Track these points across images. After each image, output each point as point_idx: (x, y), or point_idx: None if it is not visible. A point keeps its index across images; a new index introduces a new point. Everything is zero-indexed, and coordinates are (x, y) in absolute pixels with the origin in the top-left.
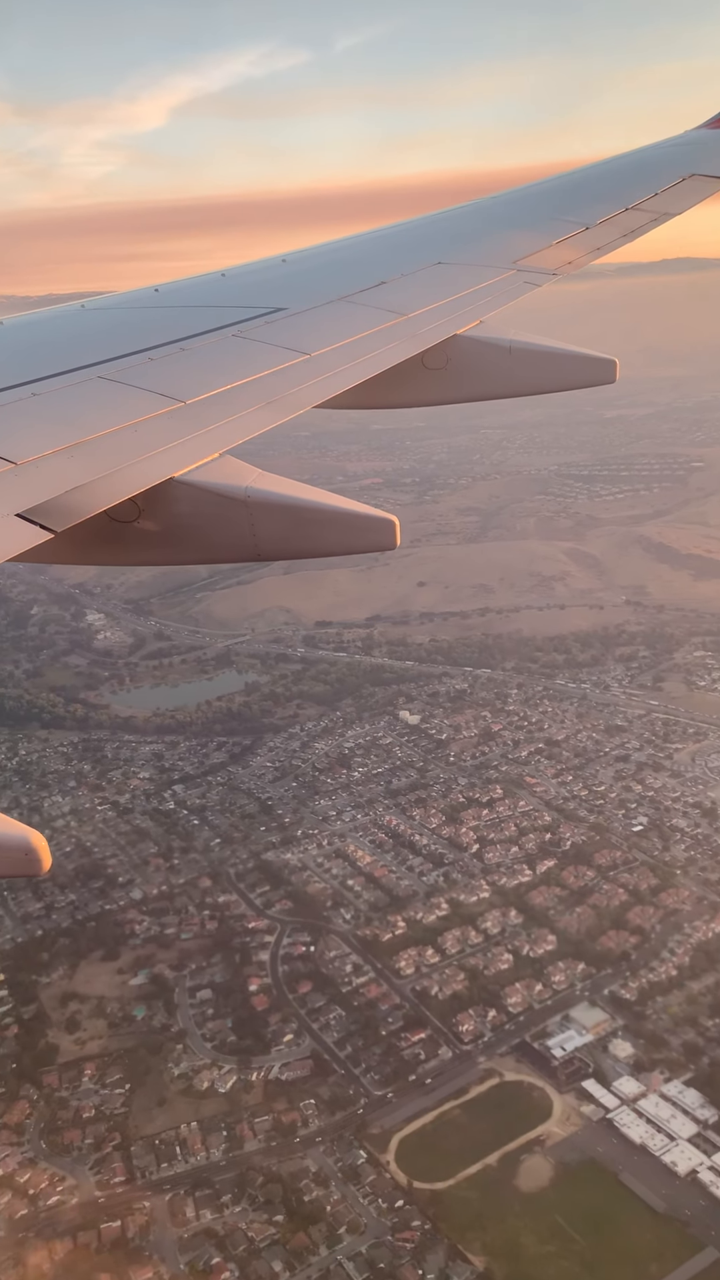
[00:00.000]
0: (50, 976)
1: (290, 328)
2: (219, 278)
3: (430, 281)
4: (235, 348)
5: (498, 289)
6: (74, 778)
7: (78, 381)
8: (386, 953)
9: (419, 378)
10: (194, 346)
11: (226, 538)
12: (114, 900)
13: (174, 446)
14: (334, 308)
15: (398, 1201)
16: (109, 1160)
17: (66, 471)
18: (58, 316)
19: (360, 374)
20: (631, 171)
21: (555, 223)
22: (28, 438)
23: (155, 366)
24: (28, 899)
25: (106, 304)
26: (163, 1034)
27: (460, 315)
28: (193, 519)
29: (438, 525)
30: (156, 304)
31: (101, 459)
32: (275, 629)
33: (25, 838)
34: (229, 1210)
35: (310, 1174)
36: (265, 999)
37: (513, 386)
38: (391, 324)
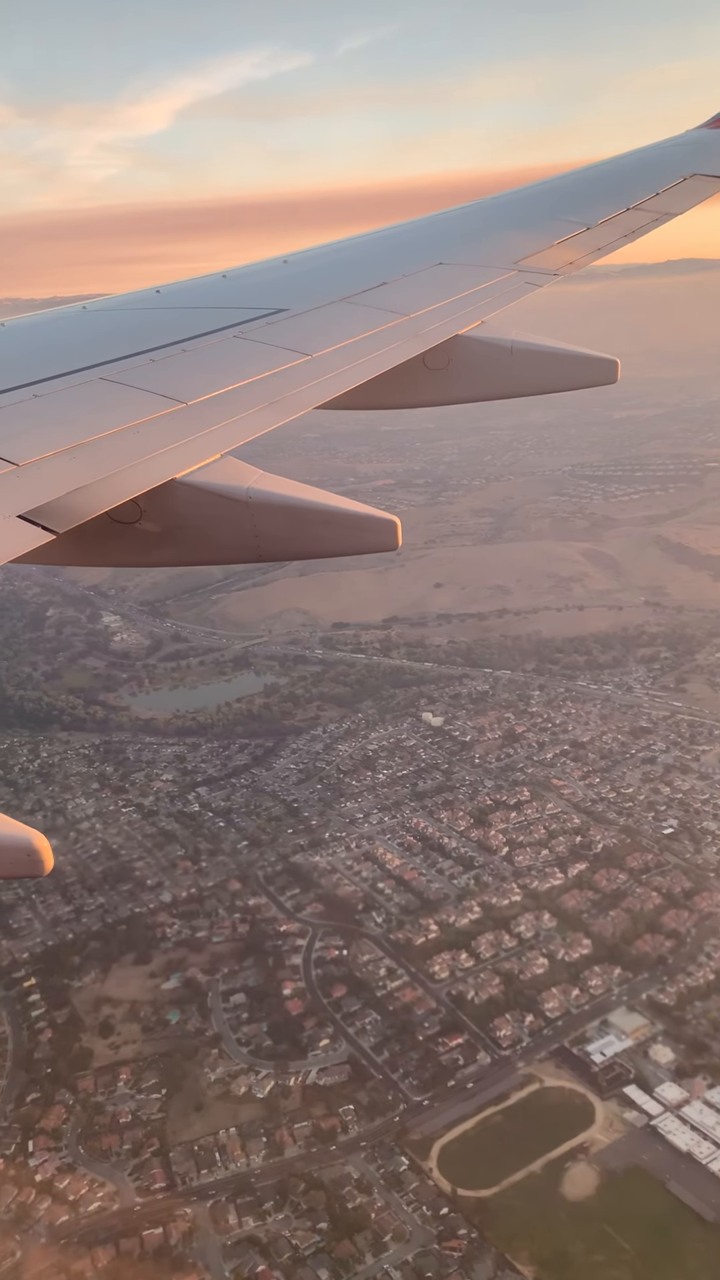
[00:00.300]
0: (82, 980)
1: (292, 328)
2: (220, 279)
3: (431, 282)
4: (237, 349)
5: (499, 289)
6: (97, 780)
7: (79, 383)
8: (420, 957)
9: (420, 378)
10: (195, 347)
11: (228, 538)
12: (143, 903)
13: (176, 447)
14: (335, 308)
15: (442, 1209)
16: (148, 1166)
17: (68, 473)
18: (59, 318)
19: (362, 374)
20: (632, 171)
21: (556, 223)
22: (29, 439)
23: (157, 368)
24: (57, 902)
25: (108, 305)
26: (197, 1038)
27: (461, 315)
28: (194, 520)
29: (452, 526)
30: (158, 305)
31: (103, 460)
32: (292, 630)
33: (28, 839)
34: (271, 1217)
35: (352, 1181)
36: (300, 1003)
37: (514, 387)
38: (393, 324)
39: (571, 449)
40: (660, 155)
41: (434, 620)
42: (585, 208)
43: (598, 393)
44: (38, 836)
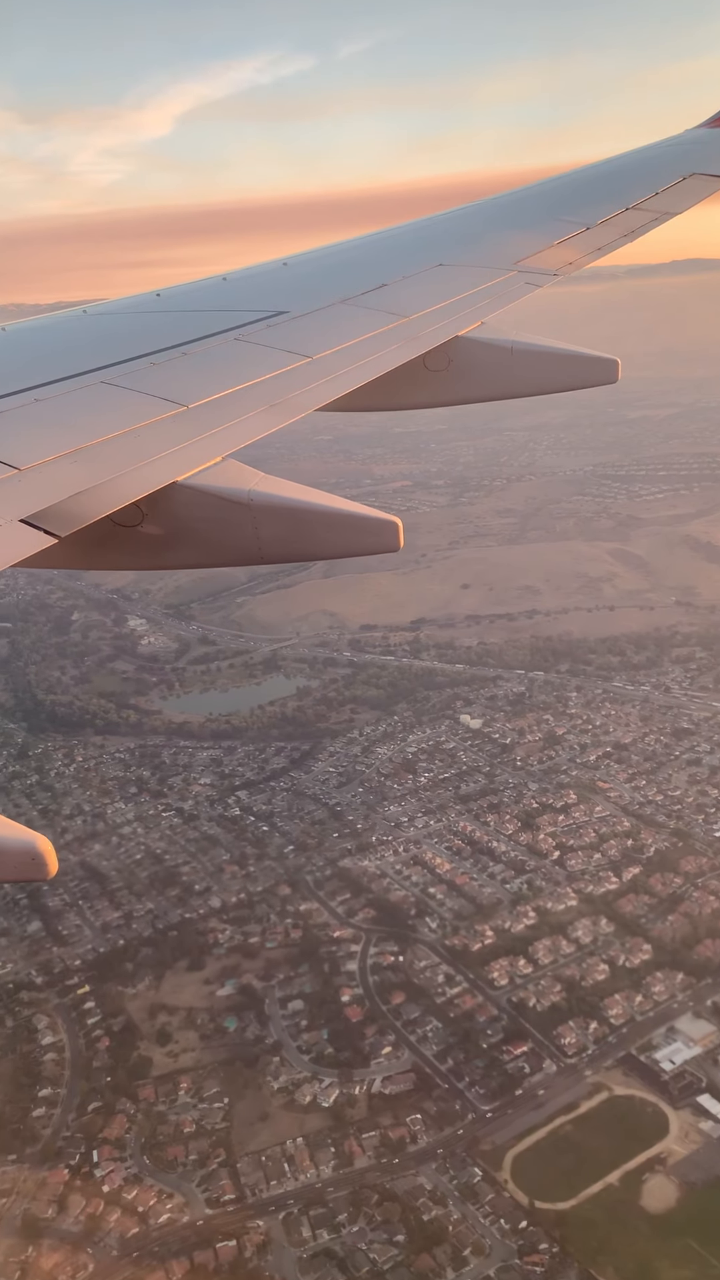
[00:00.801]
0: (136, 987)
1: (292, 331)
2: (220, 281)
3: (431, 283)
4: (237, 351)
5: (499, 290)
6: (134, 784)
7: (80, 386)
8: (478, 963)
9: (421, 379)
10: (196, 350)
11: (230, 541)
12: (193, 908)
13: (177, 450)
14: (335, 310)
15: (521, 1222)
16: (216, 1177)
17: (70, 476)
18: (60, 322)
19: (362, 376)
20: (632, 171)
21: (556, 223)
22: (31, 443)
23: (157, 371)
24: (105, 908)
25: (108, 309)
26: (257, 1046)
27: (461, 316)
28: (196, 522)
29: (475, 527)
30: (158, 308)
31: (104, 464)
32: (320, 633)
33: (31, 842)
34: (346, 1230)
35: (426, 1192)
36: (359, 1010)
37: (515, 387)
38: (393, 326)
39: (589, 449)
40: (660, 155)
41: (463, 621)
42: (585, 208)
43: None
44: (42, 840)
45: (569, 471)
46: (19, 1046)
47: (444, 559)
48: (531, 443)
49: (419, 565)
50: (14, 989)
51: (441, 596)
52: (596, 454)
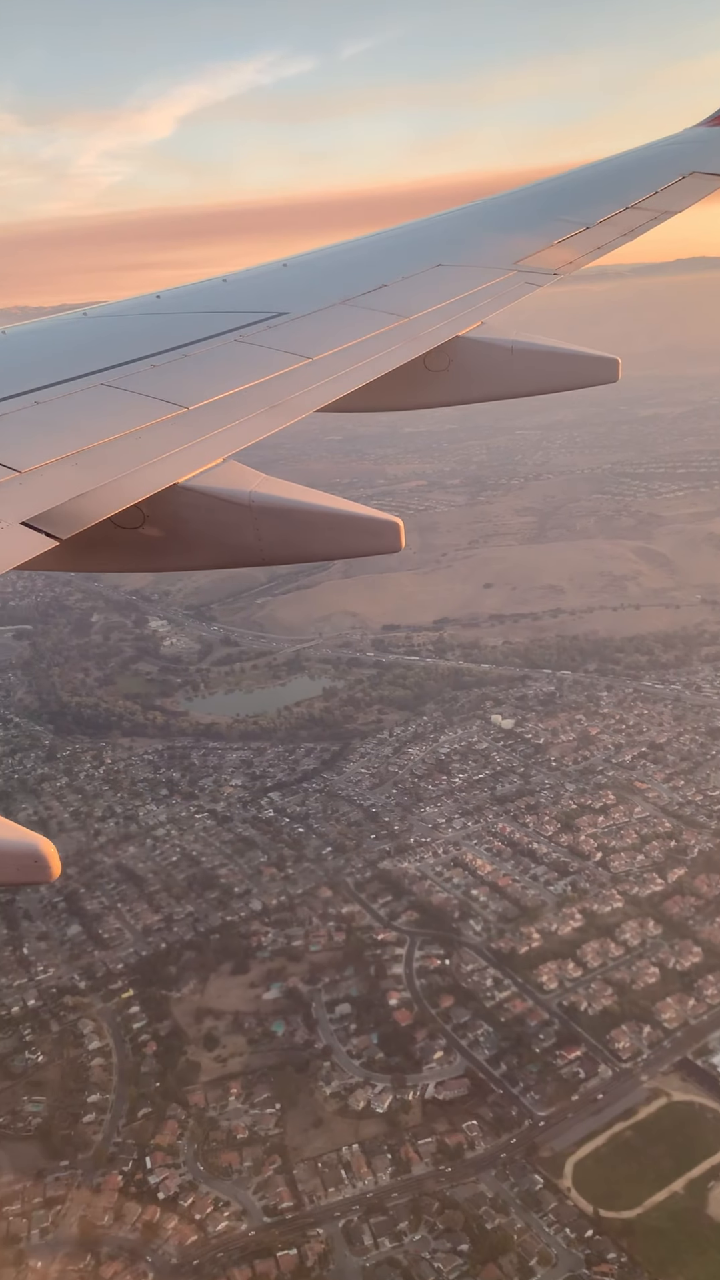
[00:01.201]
0: (180, 991)
1: (292, 332)
2: (220, 283)
3: (431, 283)
4: (237, 353)
5: (498, 290)
6: (165, 786)
7: (81, 389)
8: (525, 966)
9: (421, 380)
10: (196, 352)
11: (231, 542)
12: (234, 911)
13: (177, 452)
14: (335, 311)
15: (586, 1231)
16: (272, 1184)
17: (70, 479)
18: (60, 324)
19: (362, 377)
20: (631, 170)
21: (555, 223)
22: (31, 446)
23: (158, 373)
24: (145, 911)
25: (108, 311)
26: (306, 1051)
27: (461, 317)
28: (197, 524)
29: (495, 526)
30: (158, 310)
31: (105, 466)
32: (342, 633)
33: (34, 845)
34: (408, 1238)
35: (487, 1200)
36: (408, 1014)
37: (515, 387)
38: (393, 326)
39: (603, 447)
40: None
41: (486, 621)
42: (584, 207)
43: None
44: (44, 843)
45: (586, 470)
46: (65, 1051)
47: (465, 558)
48: (545, 441)
49: (440, 565)
50: (57, 993)
51: (464, 596)
52: (611, 452)
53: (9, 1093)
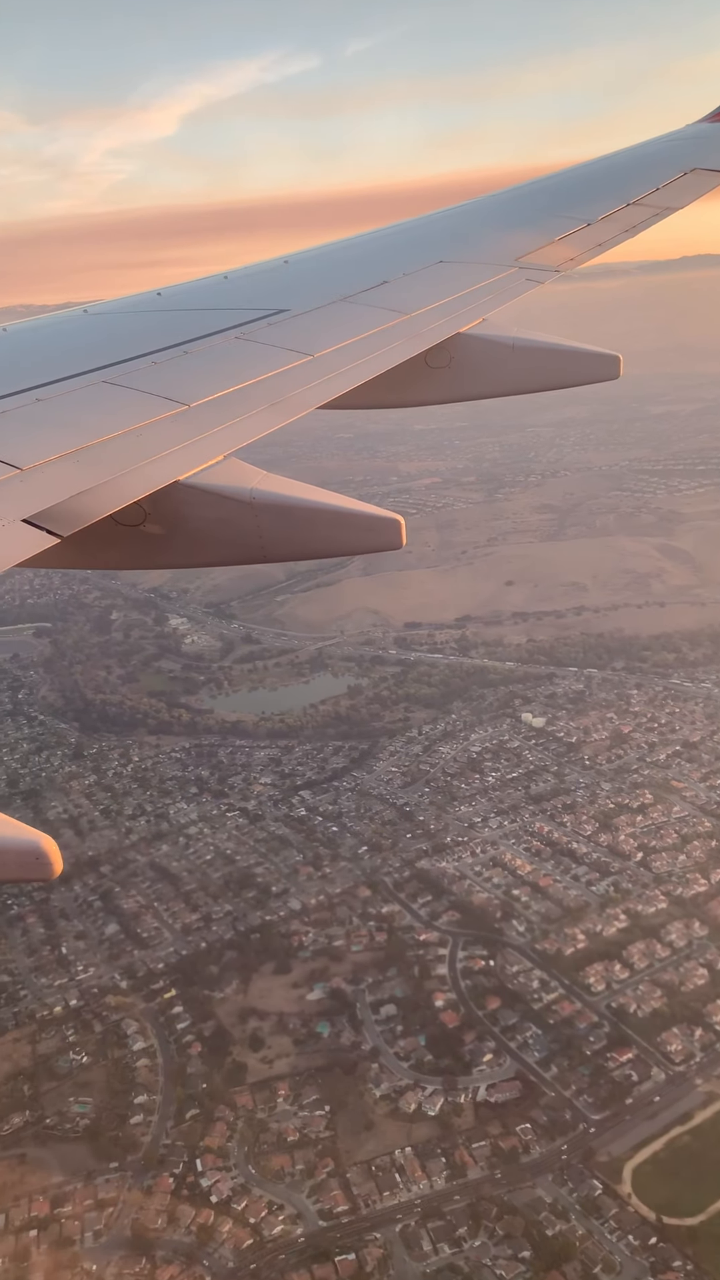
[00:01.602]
0: (224, 991)
1: (293, 329)
2: (221, 280)
3: (432, 280)
4: (238, 350)
5: (500, 287)
6: (194, 784)
7: (82, 386)
8: (572, 967)
9: (423, 377)
10: (197, 349)
11: (232, 540)
12: (272, 910)
13: (179, 450)
14: (336, 308)
15: (650, 1238)
16: (326, 1187)
17: (72, 476)
18: (61, 321)
19: (363, 374)
20: (632, 167)
21: (556, 219)
22: (33, 443)
23: (159, 370)
24: (182, 909)
25: (109, 308)
26: (353, 1052)
27: (462, 314)
28: (198, 522)
29: (513, 523)
30: (159, 307)
31: (106, 463)
32: (364, 631)
33: (36, 842)
34: (468, 1244)
35: (546, 1205)
36: (455, 1015)
37: (517, 384)
38: (394, 323)
39: (617, 444)
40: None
41: (509, 619)
42: (585, 204)
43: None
44: (46, 840)
45: (603, 467)
46: (109, 1052)
47: (485, 556)
48: (558, 439)
49: (460, 562)
50: (99, 993)
51: (485, 593)
52: (626, 449)
53: (55, 1093)
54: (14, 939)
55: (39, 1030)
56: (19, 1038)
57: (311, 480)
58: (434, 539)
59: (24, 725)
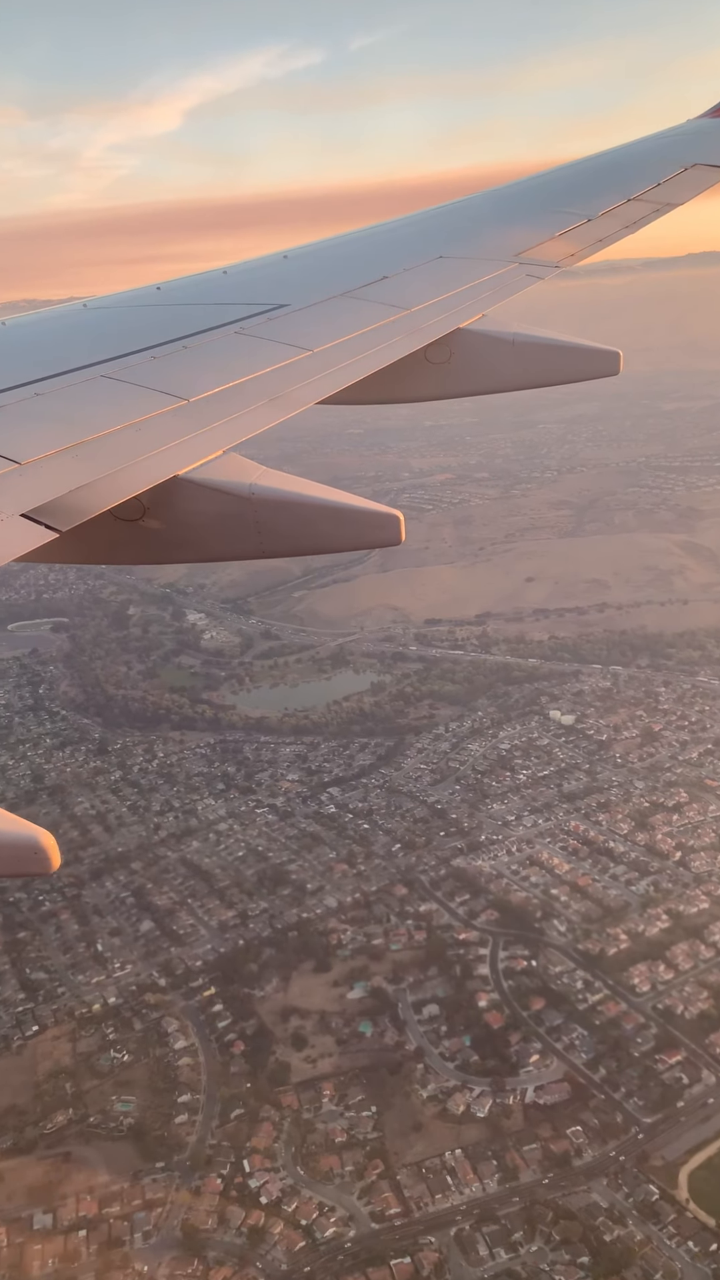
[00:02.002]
0: (264, 989)
1: (292, 324)
2: (221, 275)
3: (432, 276)
4: (238, 345)
5: (500, 282)
6: (221, 780)
7: (81, 381)
8: (615, 968)
9: (422, 372)
10: (196, 344)
11: (232, 535)
12: (309, 908)
13: (178, 445)
14: (336, 303)
15: (711, 1244)
16: (376, 1190)
17: (70, 471)
18: (60, 316)
19: (363, 369)
20: (632, 162)
21: (556, 215)
22: (31, 437)
23: (158, 365)
24: (217, 907)
25: (108, 303)
26: (397, 1052)
27: (462, 309)
28: (197, 517)
29: (531, 519)
30: (158, 302)
31: (105, 458)
32: (384, 627)
33: (34, 836)
34: (524, 1249)
35: (602, 1210)
36: (499, 1016)
37: (517, 379)
38: (394, 319)
39: (630, 441)
40: (661, 146)
41: (530, 615)
42: (586, 199)
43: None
44: (44, 834)
45: (618, 463)
46: (151, 1050)
47: (503, 552)
48: (569, 435)
49: (478, 558)
50: (137, 990)
51: (505, 590)
52: (639, 446)
53: (97, 1092)
54: (48, 935)
55: (78, 1028)
56: (58, 1035)
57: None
58: (451, 535)
59: (46, 720)
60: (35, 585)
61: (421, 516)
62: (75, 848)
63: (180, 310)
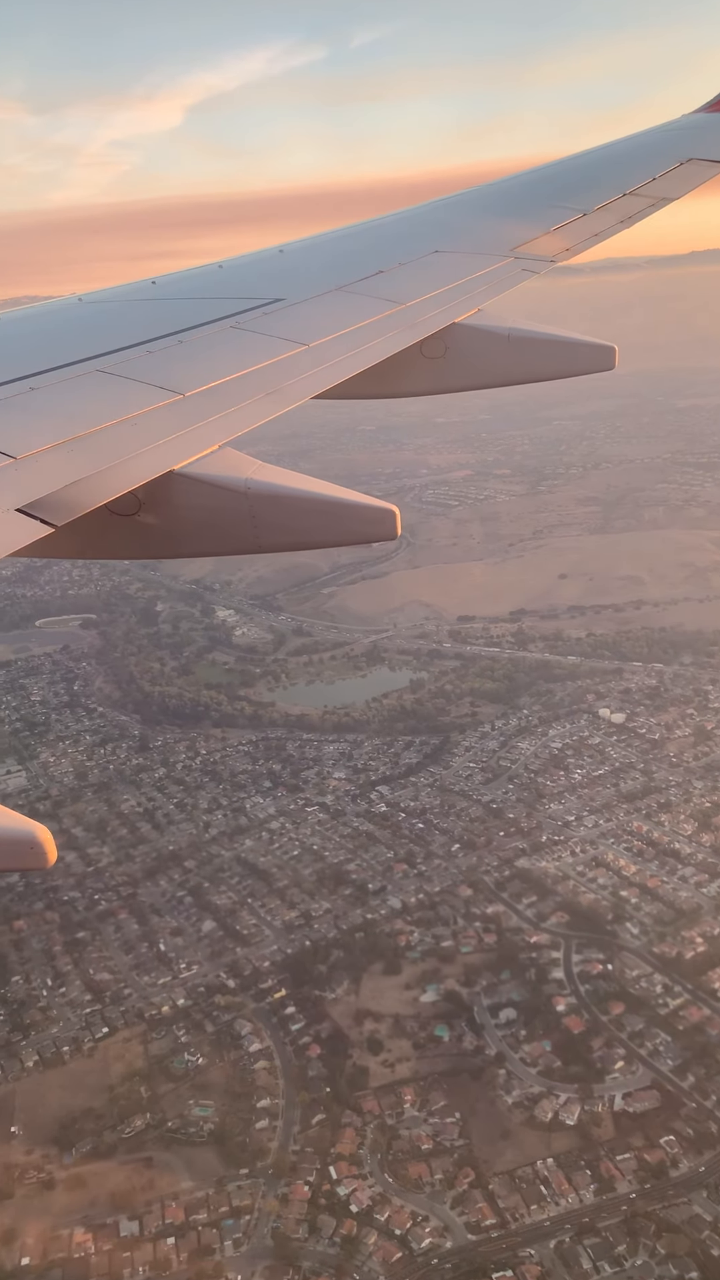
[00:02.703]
0: (334, 992)
1: (288, 318)
2: (216, 269)
3: (428, 270)
4: (233, 339)
5: (495, 277)
6: (267, 778)
7: (76, 375)
8: (694, 972)
9: (418, 366)
10: (192, 338)
11: (228, 529)
12: (373, 909)
13: (174, 439)
14: (332, 298)
15: None
16: (469, 1199)
17: (66, 465)
18: (55, 310)
19: (359, 363)
20: (629, 157)
21: (552, 209)
22: (27, 432)
23: (153, 359)
24: (278, 906)
25: (104, 297)
26: (477, 1057)
27: (458, 304)
28: (193, 511)
29: (559, 516)
30: (154, 296)
31: (101, 452)
32: (417, 624)
33: (30, 831)
34: (630, 1262)
35: (707, 1223)
36: (579, 1021)
37: (512, 374)
38: (389, 313)
39: (649, 437)
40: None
41: (565, 612)
42: (581, 194)
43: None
44: (40, 829)
45: (642, 460)
46: (225, 1054)
47: (535, 548)
48: (587, 432)
49: (509, 555)
50: (206, 991)
51: (539, 587)
52: (659, 442)
53: (174, 1095)
54: (107, 935)
55: (149, 1030)
56: (129, 1037)
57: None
58: (479, 531)
59: (84, 717)
60: (60, 581)
61: (448, 513)
62: (126, 845)
63: (175, 305)
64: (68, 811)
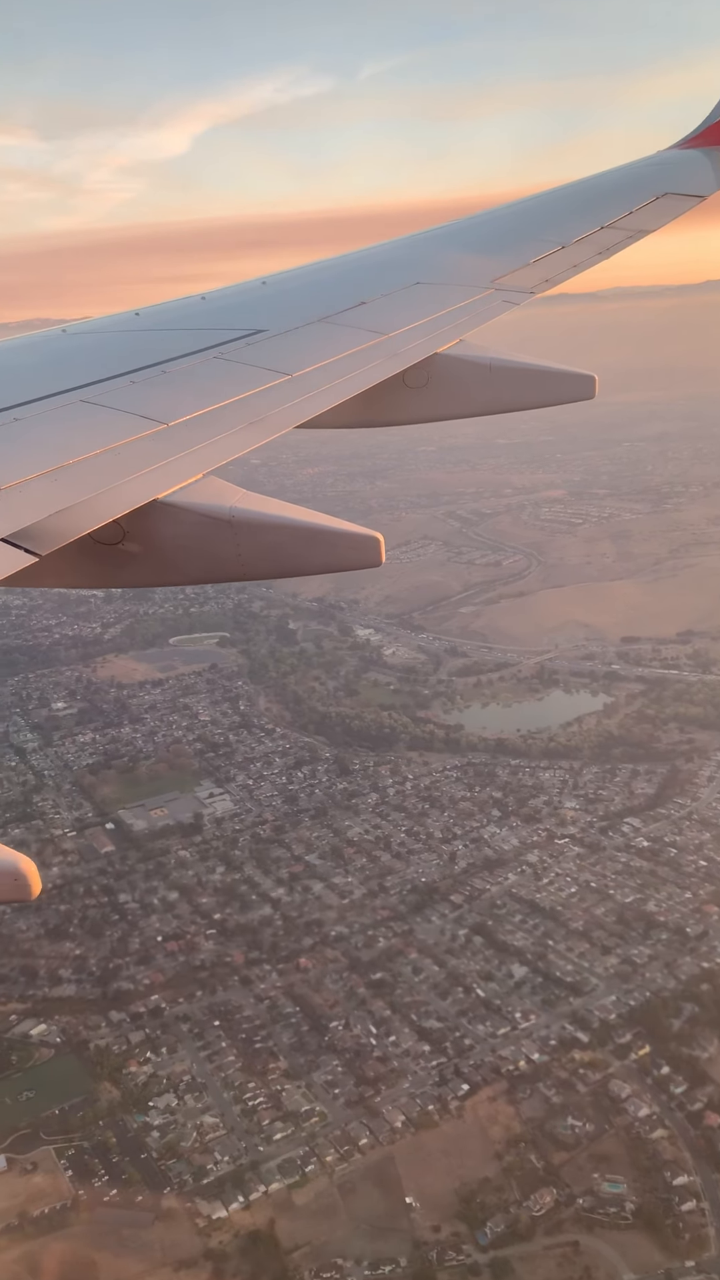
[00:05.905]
0: (707, 1050)
1: (271, 348)
2: (199, 300)
3: (410, 301)
4: (217, 369)
5: (476, 308)
6: (494, 806)
7: (59, 405)
8: None
9: (401, 396)
10: (175, 369)
11: (212, 558)
12: (705, 956)
13: (157, 468)
14: (314, 328)
15: None
16: None
17: (50, 495)
18: (39, 341)
19: (342, 393)
20: (605, 191)
21: (532, 242)
22: (10, 462)
23: (137, 389)
24: (589, 950)
25: (88, 328)
26: None
27: (440, 334)
28: (177, 540)
29: (693, 535)
30: (137, 327)
31: (85, 482)
32: (579, 645)
33: (14, 863)
34: None
35: None
36: None
37: (494, 403)
38: (372, 343)
39: None
40: (632, 175)
41: None
42: (560, 226)
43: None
44: (25, 861)
45: None
46: (611, 1119)
47: (684, 568)
48: (668, 452)
49: (657, 575)
50: (557, 1045)
51: (703, 607)
52: None
53: (573, 1166)
54: (406, 976)
55: (511, 1088)
56: (493, 1095)
57: (423, 492)
58: (611, 550)
59: (264, 738)
60: (176, 599)
61: (573, 530)
62: (372, 876)
63: (159, 335)
64: (293, 838)
